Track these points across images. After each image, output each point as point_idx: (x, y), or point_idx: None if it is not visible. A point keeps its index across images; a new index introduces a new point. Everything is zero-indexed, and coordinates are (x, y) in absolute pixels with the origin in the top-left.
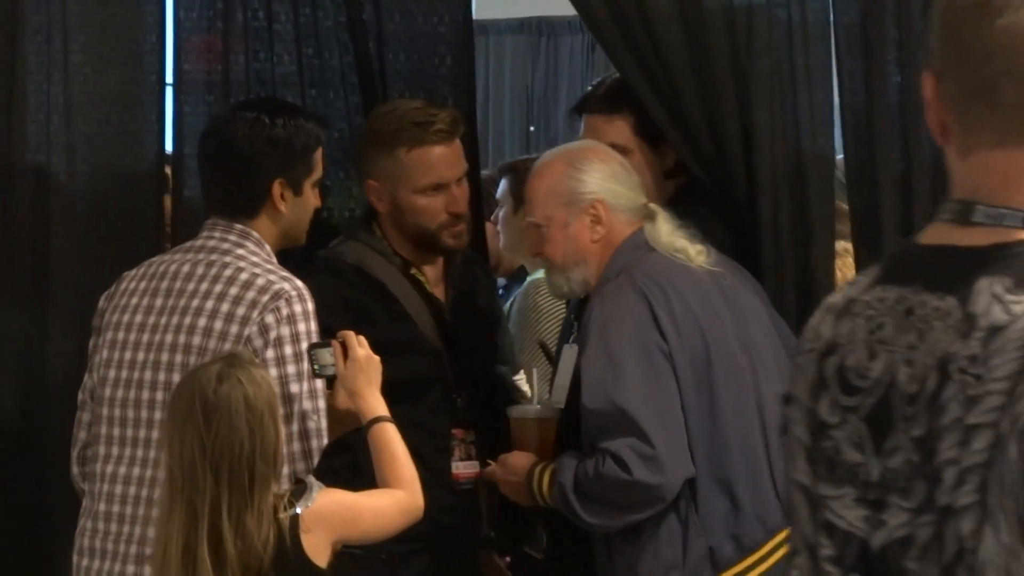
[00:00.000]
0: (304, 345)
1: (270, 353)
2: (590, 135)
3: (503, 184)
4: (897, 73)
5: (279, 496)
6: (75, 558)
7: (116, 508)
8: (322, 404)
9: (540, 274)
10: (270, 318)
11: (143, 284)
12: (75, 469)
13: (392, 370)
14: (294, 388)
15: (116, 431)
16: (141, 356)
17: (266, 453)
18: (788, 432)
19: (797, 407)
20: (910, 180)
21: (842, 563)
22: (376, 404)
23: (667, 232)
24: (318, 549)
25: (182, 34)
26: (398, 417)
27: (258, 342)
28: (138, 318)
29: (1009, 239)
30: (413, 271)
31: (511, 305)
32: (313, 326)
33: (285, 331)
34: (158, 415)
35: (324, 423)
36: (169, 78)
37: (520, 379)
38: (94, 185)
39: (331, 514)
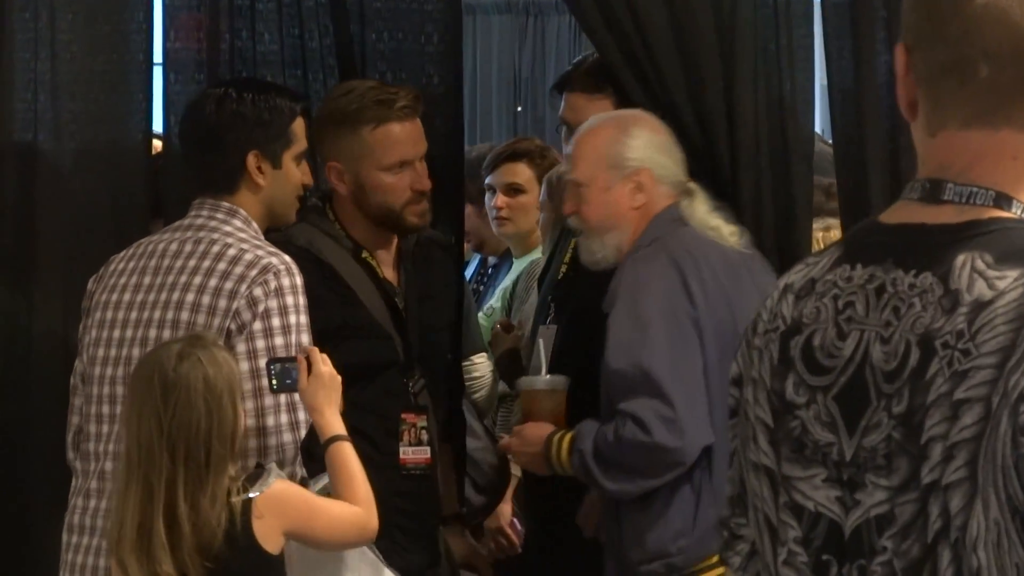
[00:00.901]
0: (292, 319)
1: (258, 325)
2: (571, 114)
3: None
4: (885, 52)
5: (234, 479)
6: (64, 535)
7: (107, 485)
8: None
9: (532, 256)
10: (258, 291)
11: (131, 264)
12: (70, 454)
13: (342, 354)
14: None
15: (105, 409)
16: (129, 333)
17: (223, 434)
18: (743, 414)
19: (756, 388)
20: (898, 159)
21: (809, 544)
22: (335, 423)
23: (703, 211)
24: (268, 535)
25: (170, 12)
26: (348, 400)
27: (246, 315)
28: (126, 296)
29: (982, 216)
30: (364, 255)
31: (514, 284)
32: (301, 300)
33: (273, 304)
34: None
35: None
36: (157, 57)
37: (480, 361)
38: (81, 164)
39: (285, 503)
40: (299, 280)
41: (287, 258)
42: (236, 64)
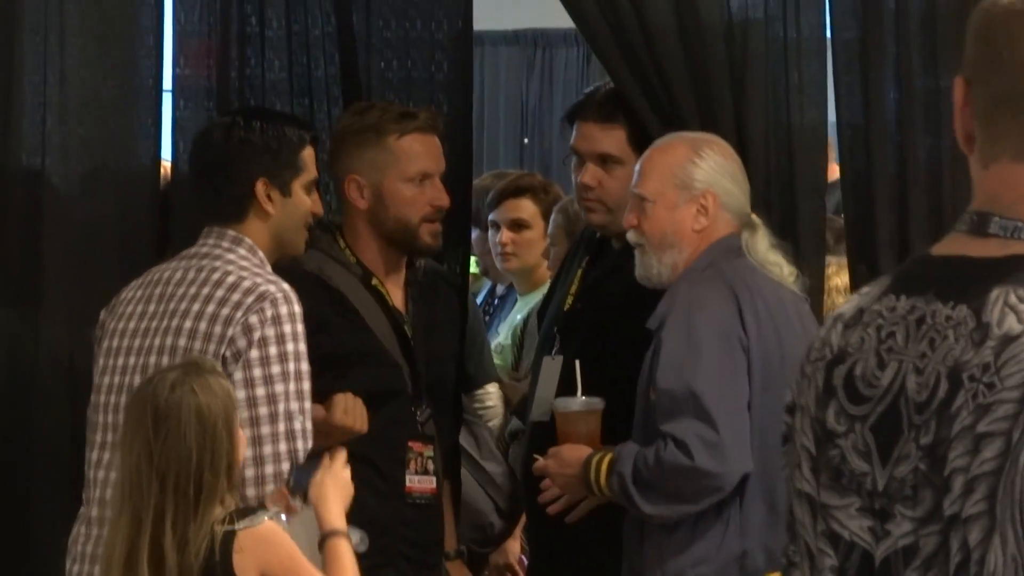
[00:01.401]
0: (290, 347)
1: (254, 353)
2: (584, 143)
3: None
4: (894, 89)
5: (225, 509)
6: (68, 564)
7: (107, 512)
8: (307, 405)
9: (540, 292)
10: (254, 319)
11: (139, 292)
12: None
13: (351, 381)
14: (279, 388)
15: (109, 436)
16: (132, 361)
17: (216, 465)
18: (792, 441)
19: (803, 416)
20: (906, 196)
21: (844, 573)
22: (338, 519)
23: (765, 246)
24: (246, 572)
25: (180, 38)
26: None
27: (241, 342)
28: (131, 324)
29: None
30: (374, 282)
31: (525, 322)
32: (299, 328)
33: (270, 332)
34: None
35: (309, 424)
36: (167, 83)
37: (493, 391)
38: (88, 188)
39: (269, 545)
40: (297, 308)
41: (285, 286)
42: (245, 92)
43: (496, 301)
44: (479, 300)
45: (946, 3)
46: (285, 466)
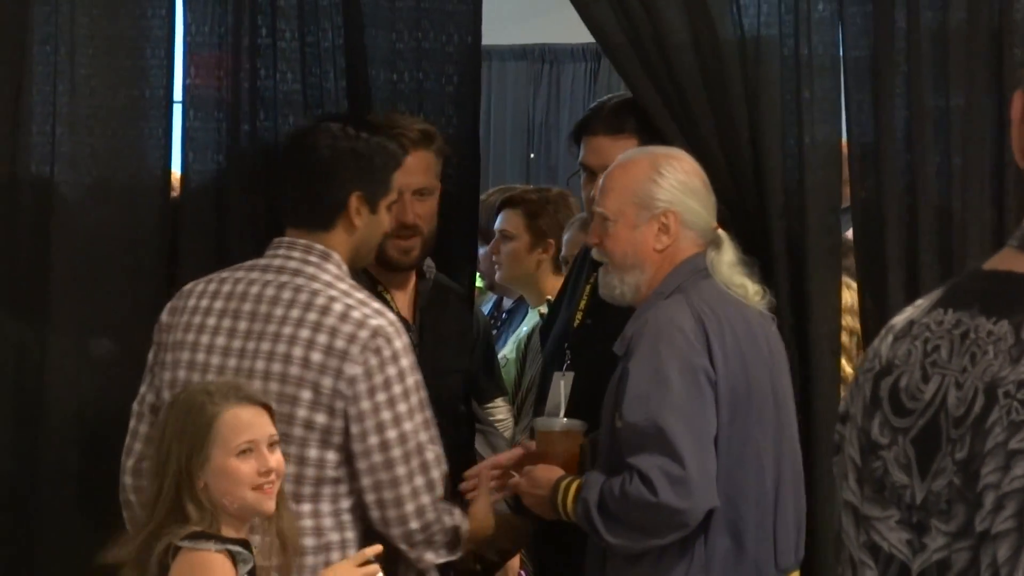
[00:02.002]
0: (410, 381)
1: (381, 397)
2: (594, 157)
3: (502, 216)
4: (904, 107)
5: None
6: None
7: None
8: (435, 431)
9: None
10: (374, 360)
11: (219, 304)
12: (128, 479)
13: None
14: (407, 426)
15: None
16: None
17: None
18: (842, 451)
19: (852, 426)
20: (916, 213)
21: None
22: None
23: (729, 264)
24: None
25: (191, 49)
26: None
27: (362, 385)
28: (220, 340)
29: None
30: (380, 289)
31: (529, 337)
32: (413, 359)
33: (392, 371)
34: None
35: (440, 448)
36: (177, 94)
37: (502, 405)
38: (97, 199)
39: (192, 572)
40: (407, 340)
41: (391, 316)
42: (257, 103)
43: (504, 315)
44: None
45: (957, 22)
46: (425, 499)
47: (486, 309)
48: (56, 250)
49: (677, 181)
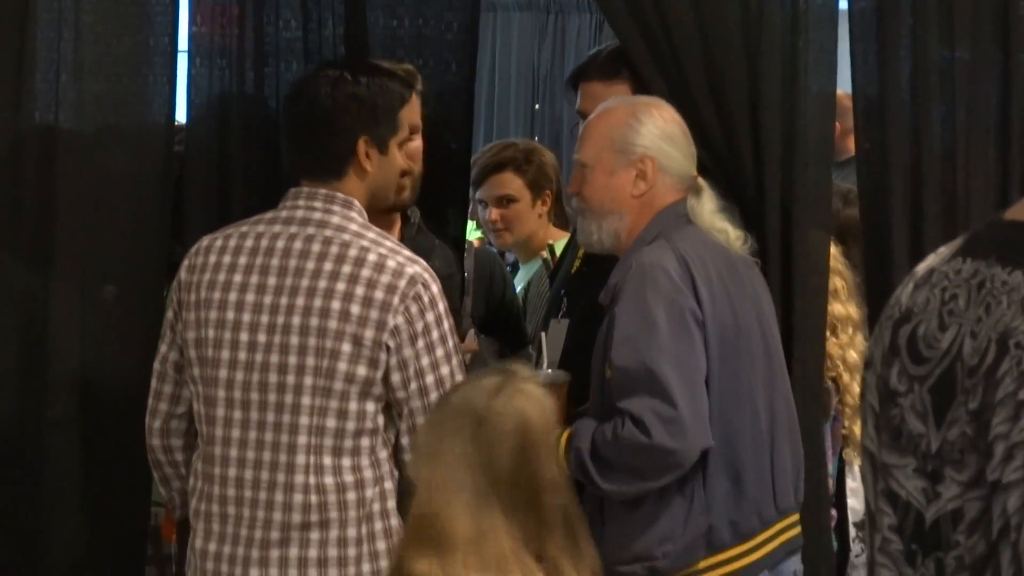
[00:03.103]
0: (446, 325)
1: (421, 343)
2: (589, 103)
3: (511, 180)
4: (909, 59)
5: None
6: (199, 542)
7: (246, 493)
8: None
9: (535, 266)
10: (414, 307)
11: (243, 259)
12: (156, 441)
13: None
14: (444, 370)
15: (238, 414)
16: (263, 338)
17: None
18: (863, 398)
19: (872, 373)
20: (920, 164)
21: (903, 532)
22: None
23: (710, 210)
24: None
25: None
26: None
27: (405, 333)
28: (249, 297)
29: None
30: None
31: (526, 291)
32: (446, 304)
33: (430, 317)
34: (288, 398)
35: None
36: (182, 41)
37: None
38: (102, 146)
39: None
40: (439, 287)
41: (424, 262)
42: (261, 51)
43: (508, 269)
44: None
45: None
46: None
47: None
48: (60, 197)
49: (655, 127)
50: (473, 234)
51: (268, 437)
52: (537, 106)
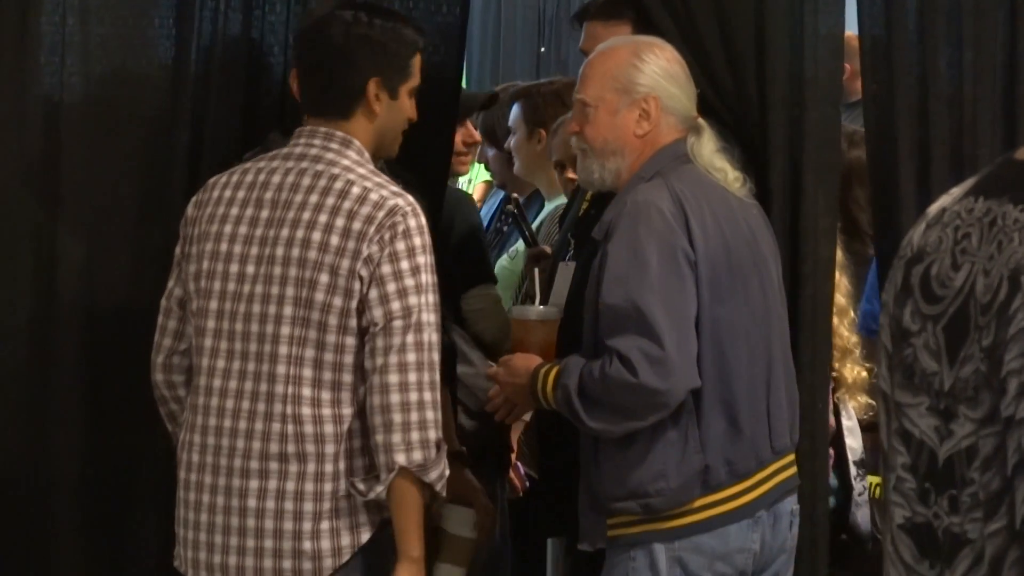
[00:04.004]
0: (420, 259)
1: (386, 269)
2: (591, 43)
3: (515, 110)
4: (916, 0)
5: None
6: (181, 473)
7: (225, 422)
8: (437, 318)
9: (559, 200)
10: (387, 236)
11: (241, 193)
12: (159, 376)
13: None
14: (412, 300)
15: (223, 344)
16: (251, 269)
17: None
18: (878, 339)
19: (885, 313)
20: (927, 106)
21: (916, 471)
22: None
23: (710, 150)
24: None
25: None
26: None
27: (376, 262)
28: (242, 229)
29: None
30: None
31: (538, 228)
32: (427, 240)
33: (400, 246)
34: (269, 328)
35: (436, 338)
36: None
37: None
38: (108, 88)
39: None
40: (423, 220)
41: (410, 197)
42: None
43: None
44: (489, 210)
45: None
46: (412, 377)
47: (491, 206)
48: (67, 139)
49: (658, 67)
50: (484, 175)
51: (250, 367)
52: (543, 49)
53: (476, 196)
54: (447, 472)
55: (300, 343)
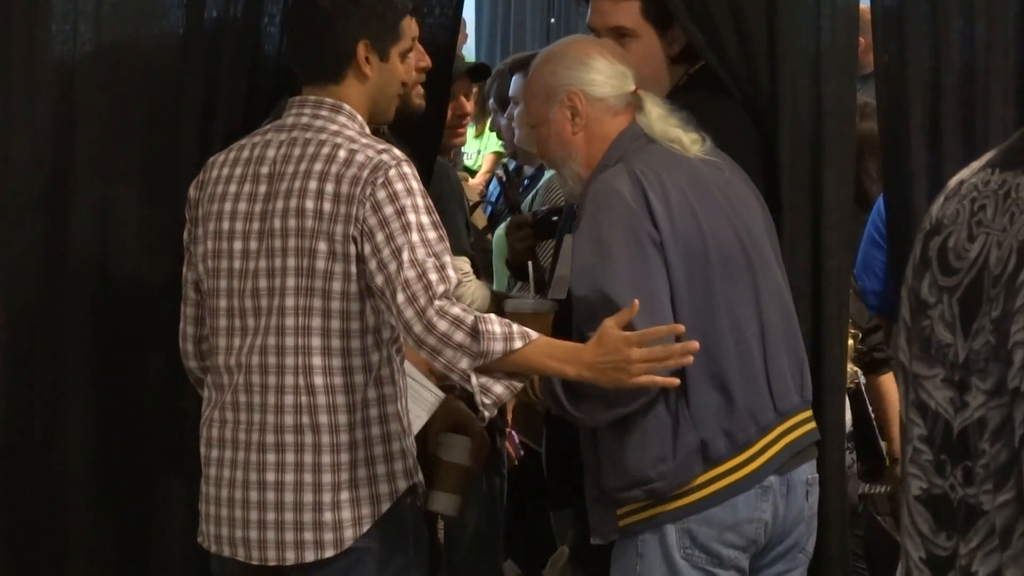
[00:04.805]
0: (406, 201)
1: (372, 220)
2: (597, 18)
3: (516, 80)
4: None
5: None
6: (203, 449)
7: (241, 398)
8: (446, 259)
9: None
10: (369, 189)
11: (238, 170)
12: (193, 363)
13: None
14: (400, 240)
15: (236, 322)
16: (253, 245)
17: None
18: (899, 311)
19: (904, 286)
20: (939, 78)
21: (932, 443)
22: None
23: (658, 118)
24: None
25: None
26: None
27: (372, 220)
28: (241, 206)
29: None
30: None
31: (533, 198)
32: (413, 184)
33: (382, 194)
34: (275, 302)
35: (447, 259)
36: None
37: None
38: (120, 56)
39: None
40: (408, 169)
41: (397, 152)
42: None
43: (526, 181)
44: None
45: None
46: (426, 299)
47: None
48: (80, 107)
49: (568, 61)
50: (493, 145)
51: (260, 342)
52: (553, 20)
53: (484, 167)
54: (510, 327)
55: (306, 313)
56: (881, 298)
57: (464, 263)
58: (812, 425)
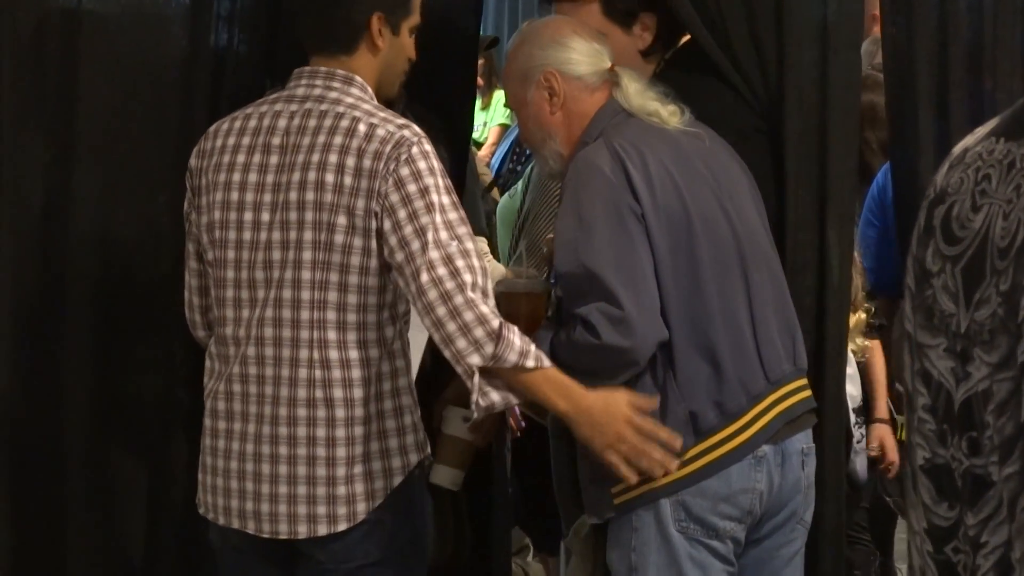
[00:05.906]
0: (429, 181)
1: (395, 197)
2: None
3: None
4: None
5: None
6: (207, 421)
7: (251, 370)
8: (466, 240)
9: None
10: (392, 165)
11: (246, 140)
12: (201, 332)
13: None
14: (424, 220)
15: (245, 293)
16: (266, 216)
17: None
18: (904, 280)
19: (910, 255)
20: (946, 52)
21: (936, 413)
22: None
23: (635, 93)
24: None
25: None
26: None
27: (394, 197)
28: (252, 177)
29: None
30: None
31: (531, 169)
32: (434, 163)
33: (405, 171)
34: (289, 274)
35: (470, 244)
36: None
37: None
38: (125, 29)
39: None
40: (428, 147)
41: (416, 128)
42: None
43: (528, 152)
44: (502, 152)
45: None
46: (452, 283)
47: (503, 148)
48: (85, 81)
49: (541, 41)
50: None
51: (272, 314)
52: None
53: (491, 139)
54: (529, 346)
55: (322, 287)
56: (876, 275)
57: (482, 243)
58: (807, 393)
